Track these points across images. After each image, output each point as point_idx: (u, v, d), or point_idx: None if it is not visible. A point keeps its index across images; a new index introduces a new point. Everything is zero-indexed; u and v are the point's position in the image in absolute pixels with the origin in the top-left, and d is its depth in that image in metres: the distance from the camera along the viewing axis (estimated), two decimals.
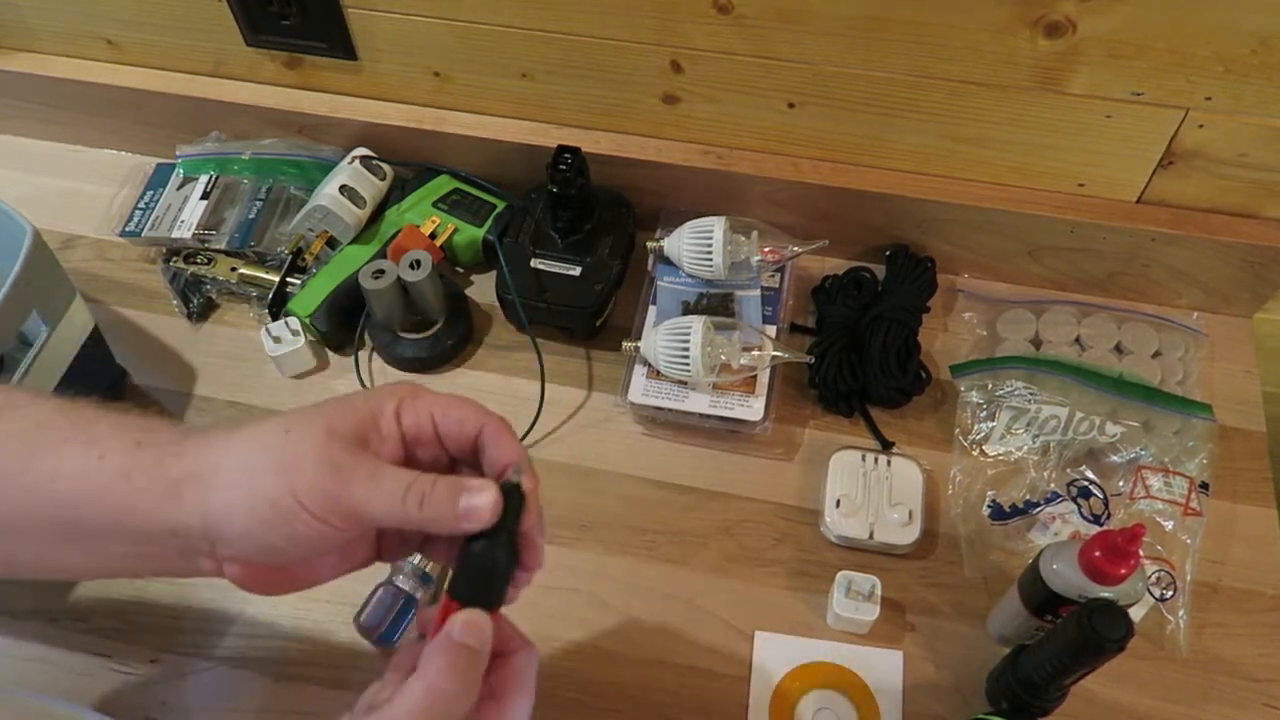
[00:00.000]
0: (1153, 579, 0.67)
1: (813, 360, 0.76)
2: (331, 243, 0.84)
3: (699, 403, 0.74)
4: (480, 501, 0.41)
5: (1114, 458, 0.72)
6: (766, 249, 0.78)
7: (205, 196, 0.87)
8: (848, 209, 0.80)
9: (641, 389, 0.75)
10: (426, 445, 0.44)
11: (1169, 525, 0.69)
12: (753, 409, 0.73)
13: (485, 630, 0.42)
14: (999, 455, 0.73)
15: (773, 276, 0.80)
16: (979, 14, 0.66)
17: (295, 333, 0.78)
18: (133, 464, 0.42)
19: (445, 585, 0.44)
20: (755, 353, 0.74)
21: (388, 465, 0.42)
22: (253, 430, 0.43)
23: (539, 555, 0.44)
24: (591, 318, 0.79)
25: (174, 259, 0.84)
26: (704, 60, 0.75)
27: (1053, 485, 0.71)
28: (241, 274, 0.83)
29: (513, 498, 0.43)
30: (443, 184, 0.86)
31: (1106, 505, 0.71)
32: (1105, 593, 0.55)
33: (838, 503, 0.70)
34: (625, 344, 0.76)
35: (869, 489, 0.71)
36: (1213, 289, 0.80)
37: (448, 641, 0.41)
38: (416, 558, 0.68)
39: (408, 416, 0.44)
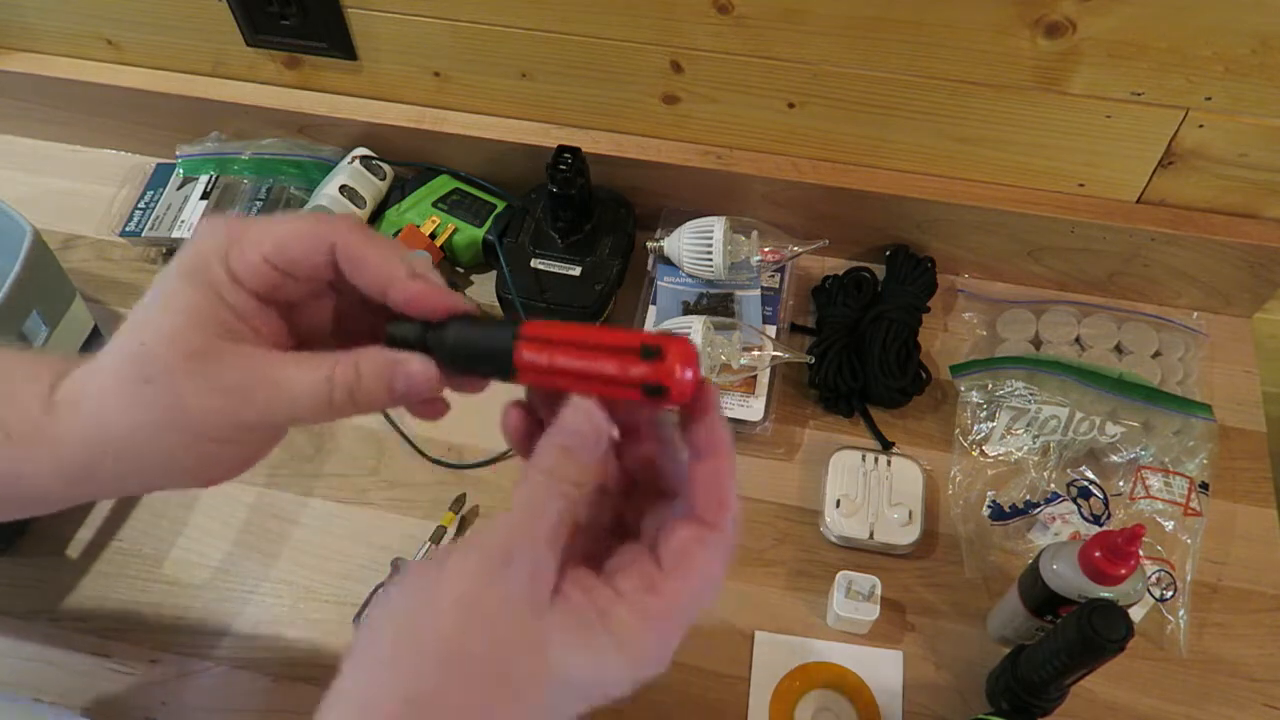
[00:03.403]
0: (1153, 579, 0.67)
1: (813, 360, 0.76)
2: None
3: None
4: (414, 368, 0.35)
5: (1114, 458, 0.72)
6: (766, 249, 0.78)
7: (205, 196, 0.87)
8: (848, 209, 0.80)
9: None
10: (290, 287, 0.36)
11: (1169, 525, 0.69)
12: (753, 409, 0.73)
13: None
14: (999, 455, 0.73)
15: (773, 276, 0.80)
16: (979, 14, 0.66)
17: None
18: None
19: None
20: (755, 353, 0.74)
21: (282, 360, 0.35)
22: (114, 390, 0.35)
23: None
24: (591, 318, 0.79)
25: None
26: (704, 60, 0.75)
27: (1053, 485, 0.71)
28: None
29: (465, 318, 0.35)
30: (443, 184, 0.86)
31: (1106, 505, 0.71)
32: (1105, 593, 0.55)
33: (838, 503, 0.70)
34: None
35: (869, 489, 0.71)
36: (1213, 289, 0.80)
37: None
38: (417, 556, 0.68)
39: (244, 271, 0.34)
